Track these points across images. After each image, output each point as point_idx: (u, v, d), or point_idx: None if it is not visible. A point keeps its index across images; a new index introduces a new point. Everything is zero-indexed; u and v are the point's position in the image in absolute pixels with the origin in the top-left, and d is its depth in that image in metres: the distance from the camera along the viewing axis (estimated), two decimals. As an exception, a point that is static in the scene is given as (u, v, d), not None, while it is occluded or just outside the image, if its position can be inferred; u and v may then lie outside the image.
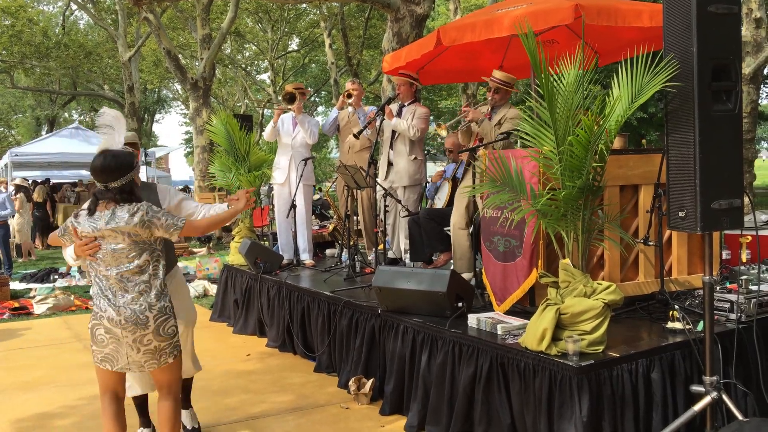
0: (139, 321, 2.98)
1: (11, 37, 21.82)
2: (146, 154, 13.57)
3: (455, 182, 5.92)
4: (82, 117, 37.93)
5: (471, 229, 5.02)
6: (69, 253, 3.23)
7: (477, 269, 4.89)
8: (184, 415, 3.93)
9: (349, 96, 6.64)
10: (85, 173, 21.58)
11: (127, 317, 2.98)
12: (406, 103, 6.22)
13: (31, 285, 9.67)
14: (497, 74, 5.19)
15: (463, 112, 5.23)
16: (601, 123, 3.20)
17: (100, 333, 3.03)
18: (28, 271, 10.73)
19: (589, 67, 3.32)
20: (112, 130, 3.19)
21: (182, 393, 3.62)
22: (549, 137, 3.30)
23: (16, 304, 8.10)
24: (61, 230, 3.21)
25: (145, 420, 3.90)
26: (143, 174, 13.29)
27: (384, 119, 6.10)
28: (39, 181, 17.76)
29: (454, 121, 5.50)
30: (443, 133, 5.53)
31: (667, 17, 3.16)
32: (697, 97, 3.03)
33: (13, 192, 13.02)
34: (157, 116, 43.24)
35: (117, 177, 3.03)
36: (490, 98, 5.24)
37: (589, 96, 3.27)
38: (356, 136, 6.25)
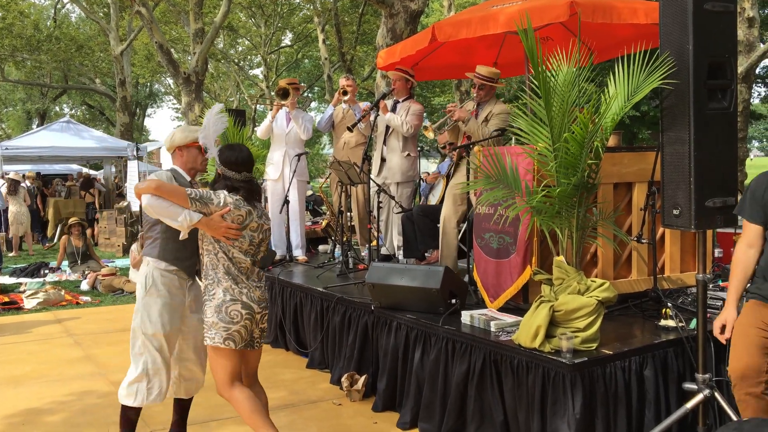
0: (267, 302, 3.33)
1: (2, 29, 21.62)
2: (138, 149, 13.46)
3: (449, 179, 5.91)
4: (73, 111, 37.71)
5: (464, 226, 5.01)
6: (183, 219, 3.15)
7: (469, 266, 4.88)
8: None
9: (345, 93, 6.61)
10: (76, 167, 21.46)
11: (264, 298, 3.29)
12: (400, 100, 6.20)
13: (21, 279, 9.61)
14: (481, 70, 5.18)
15: (449, 111, 5.22)
16: (596, 120, 3.19)
17: (236, 310, 3.17)
18: (18, 266, 10.66)
19: (585, 64, 3.31)
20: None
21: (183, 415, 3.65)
22: (544, 134, 3.30)
23: (6, 299, 8.04)
24: (207, 196, 3.18)
25: (183, 428, 3.72)
26: (134, 168, 13.22)
27: (379, 114, 6.08)
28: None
29: (440, 122, 5.48)
30: (430, 135, 5.51)
31: (663, 15, 3.16)
32: (693, 94, 3.03)
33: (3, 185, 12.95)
34: (149, 110, 43.01)
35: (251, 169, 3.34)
36: (475, 94, 5.23)
37: (585, 93, 3.27)
38: (350, 129, 6.23)
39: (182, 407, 3.68)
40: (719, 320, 3.02)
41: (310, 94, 34.62)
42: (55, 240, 14.16)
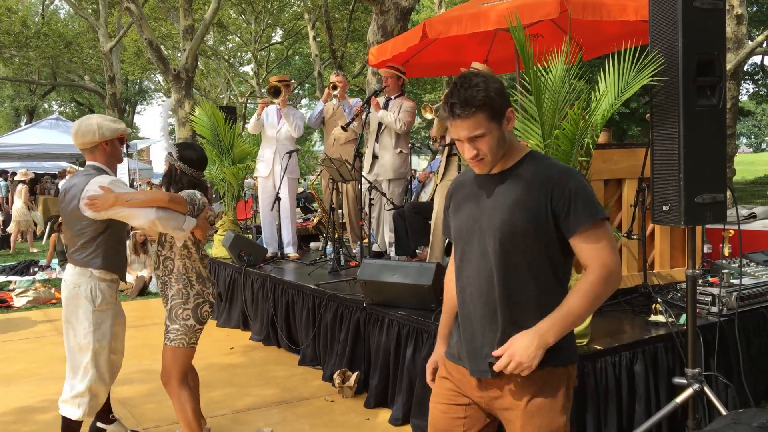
0: None
1: (-11, 26, 21.50)
2: (128, 146, 13.43)
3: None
4: (62, 108, 37.49)
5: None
6: (188, 224, 3.21)
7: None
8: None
9: (335, 87, 6.61)
10: (65, 165, 21.34)
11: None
12: (392, 97, 6.20)
13: (11, 278, 9.55)
14: (476, 65, 5.21)
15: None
16: (587, 117, 3.21)
17: (206, 310, 3.34)
18: (8, 264, 10.59)
19: (575, 61, 3.33)
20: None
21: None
22: (536, 131, 3.31)
23: (-5, 297, 8.00)
24: (200, 203, 3.27)
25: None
26: (125, 166, 13.16)
27: (370, 111, 6.08)
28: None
29: (438, 105, 5.48)
30: (428, 115, 5.50)
31: (653, 12, 3.17)
32: (682, 91, 3.05)
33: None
34: (139, 107, 42.82)
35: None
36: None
37: (575, 90, 3.28)
38: (344, 129, 6.23)
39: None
40: (431, 362, 2.41)
41: (300, 91, 34.55)
42: (45, 238, 14.09)
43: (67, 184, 3.35)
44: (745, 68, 19.44)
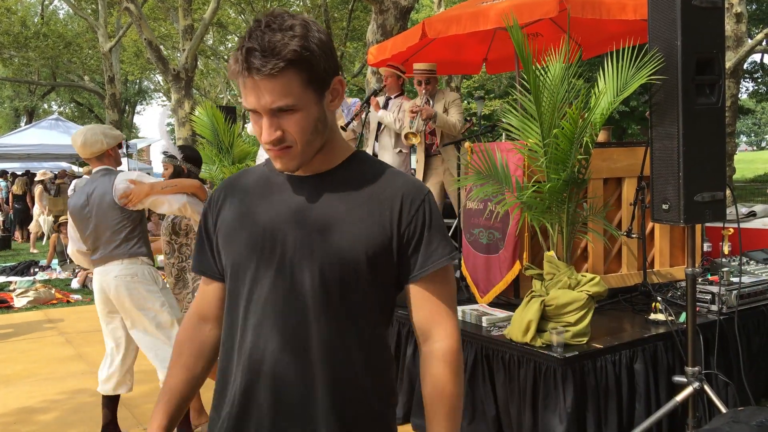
0: None
1: (-11, 26, 21.49)
2: (128, 146, 13.44)
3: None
4: (61, 108, 37.47)
5: (454, 223, 5.04)
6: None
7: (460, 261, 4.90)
8: None
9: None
10: (65, 165, 21.33)
11: None
12: (392, 96, 6.20)
13: (11, 278, 9.55)
14: (420, 66, 5.27)
15: (413, 114, 5.24)
16: (586, 116, 3.21)
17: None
18: (8, 264, 10.59)
19: (574, 60, 3.33)
20: None
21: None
22: (534, 130, 3.32)
23: (-5, 298, 8.00)
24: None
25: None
26: (125, 166, 13.17)
27: (370, 111, 6.08)
28: (18, 173, 17.53)
29: (416, 126, 5.45)
30: (415, 141, 5.43)
31: (652, 11, 3.17)
32: (681, 90, 3.05)
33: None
34: (139, 107, 42.85)
35: None
36: (424, 90, 5.30)
37: (574, 89, 3.28)
38: (344, 129, 6.22)
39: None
40: None
41: (300, 91, 34.50)
42: (45, 239, 14.09)
43: (86, 188, 3.50)
44: (745, 66, 19.44)
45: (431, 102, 5.27)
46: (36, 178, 13.56)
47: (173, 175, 3.70)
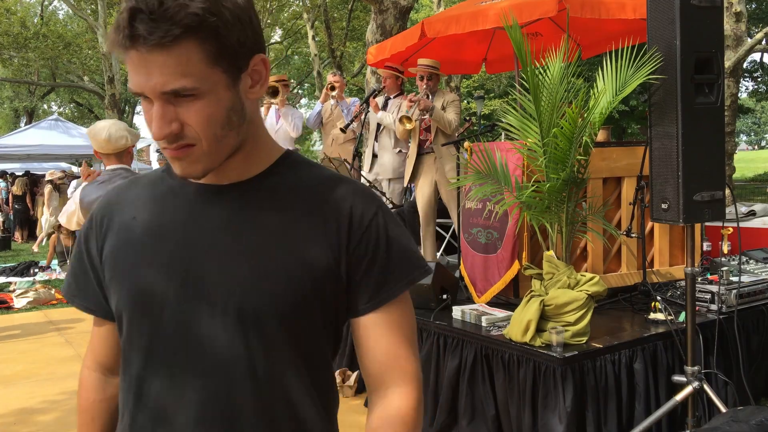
0: None
1: (-12, 27, 21.50)
2: (127, 147, 13.47)
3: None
4: (61, 109, 37.46)
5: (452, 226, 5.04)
6: None
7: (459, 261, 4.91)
8: None
9: (333, 89, 6.61)
10: (65, 165, 21.33)
11: None
12: (391, 96, 6.21)
13: (11, 279, 9.55)
14: (425, 61, 5.26)
15: (412, 102, 5.25)
16: (585, 115, 3.21)
17: None
18: (8, 265, 10.60)
19: (573, 59, 3.33)
20: None
21: None
22: (534, 129, 3.31)
23: (-4, 298, 8.00)
24: None
25: None
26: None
27: (370, 111, 6.09)
28: (18, 174, 17.54)
29: (412, 113, 5.47)
30: (409, 126, 5.49)
31: (651, 10, 3.17)
32: (680, 89, 3.05)
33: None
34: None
35: None
36: (424, 86, 5.30)
37: (573, 89, 3.28)
38: (343, 130, 6.24)
39: None
40: None
41: (300, 91, 34.55)
42: (44, 239, 14.11)
43: (109, 186, 3.36)
44: (745, 65, 19.44)
45: (431, 98, 5.28)
46: (46, 178, 13.54)
47: None
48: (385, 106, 6.15)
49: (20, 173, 17.70)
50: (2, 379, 5.06)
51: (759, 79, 28.96)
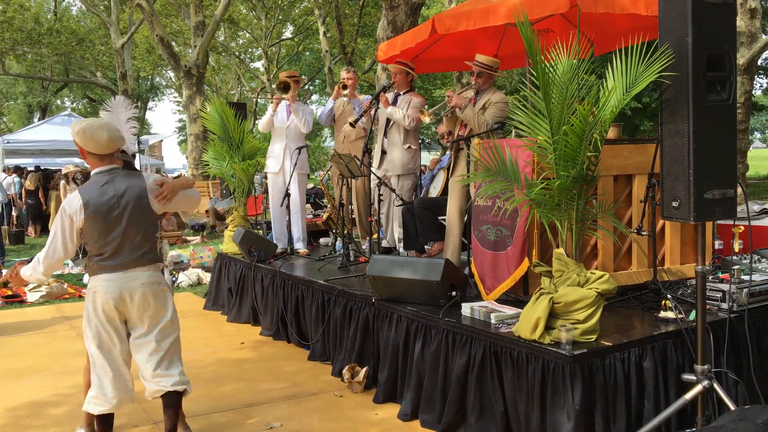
0: None
1: (2, 23, 21.59)
2: (139, 142, 13.52)
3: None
4: (74, 104, 37.71)
5: (466, 218, 5.02)
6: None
7: (469, 258, 4.90)
8: None
9: (345, 87, 6.61)
10: (78, 161, 21.48)
11: None
12: (401, 92, 6.20)
13: (24, 273, 9.62)
14: (480, 58, 5.19)
15: (448, 97, 5.22)
16: (596, 113, 3.20)
17: None
18: (21, 259, 10.69)
19: (585, 56, 3.31)
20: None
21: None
22: (544, 126, 3.30)
23: (9, 292, 8.07)
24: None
25: None
26: (137, 163, 13.24)
27: (379, 107, 6.08)
28: (31, 169, 17.66)
29: (437, 107, 5.48)
30: (426, 119, 5.51)
31: (663, 6, 3.15)
32: (692, 87, 3.03)
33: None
34: (150, 104, 43.04)
35: None
36: (473, 82, 5.24)
37: (584, 86, 3.27)
38: (353, 125, 6.24)
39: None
40: None
41: (311, 87, 34.59)
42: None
43: (113, 187, 3.24)
44: (759, 62, 19.27)
45: (479, 95, 5.21)
46: (62, 172, 13.58)
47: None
48: (394, 102, 6.15)
49: (31, 168, 17.84)
50: (14, 373, 5.11)
51: (773, 76, 28.66)
